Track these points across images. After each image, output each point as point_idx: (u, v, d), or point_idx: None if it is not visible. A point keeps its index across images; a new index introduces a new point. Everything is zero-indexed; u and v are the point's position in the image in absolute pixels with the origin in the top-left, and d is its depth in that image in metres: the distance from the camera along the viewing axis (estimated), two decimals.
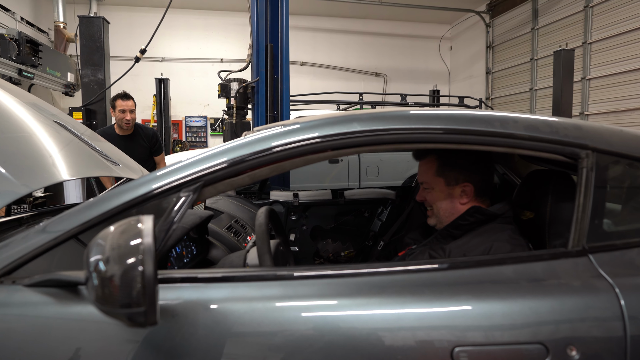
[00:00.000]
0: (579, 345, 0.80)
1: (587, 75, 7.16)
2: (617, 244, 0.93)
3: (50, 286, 0.86)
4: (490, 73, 9.97)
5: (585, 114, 7.20)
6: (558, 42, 7.29)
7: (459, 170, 1.28)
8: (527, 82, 8.72)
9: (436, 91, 9.22)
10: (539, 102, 8.37)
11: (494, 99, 9.90)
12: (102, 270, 0.65)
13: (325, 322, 0.82)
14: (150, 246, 0.64)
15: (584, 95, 7.22)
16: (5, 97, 1.74)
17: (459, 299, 0.84)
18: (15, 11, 7.62)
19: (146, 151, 3.54)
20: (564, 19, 7.67)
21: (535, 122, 1.06)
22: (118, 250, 0.67)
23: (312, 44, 10.62)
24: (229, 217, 1.91)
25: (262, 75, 3.38)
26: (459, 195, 1.28)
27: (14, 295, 0.86)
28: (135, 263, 0.64)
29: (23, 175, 1.36)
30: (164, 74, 8.51)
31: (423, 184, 1.35)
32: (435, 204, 1.31)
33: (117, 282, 0.64)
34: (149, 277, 0.63)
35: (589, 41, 7.09)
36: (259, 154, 0.96)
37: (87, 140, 1.89)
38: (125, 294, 0.63)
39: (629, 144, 1.04)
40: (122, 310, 0.64)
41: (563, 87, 5.51)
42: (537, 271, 0.89)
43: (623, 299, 0.83)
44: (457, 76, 11.25)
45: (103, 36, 4.06)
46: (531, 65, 8.58)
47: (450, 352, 0.79)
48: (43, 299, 0.85)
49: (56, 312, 0.83)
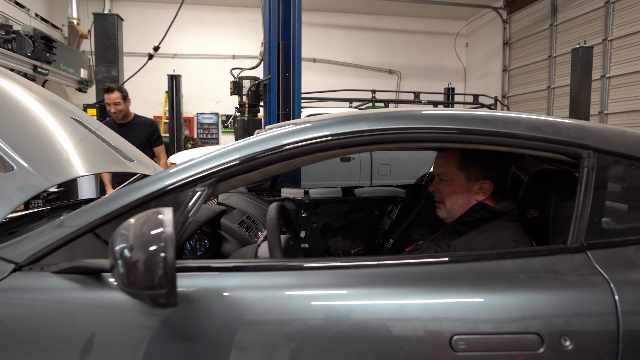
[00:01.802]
0: (573, 336, 0.85)
1: (607, 73, 7.09)
2: (614, 241, 0.98)
3: (75, 273, 0.95)
4: (507, 70, 9.91)
5: (605, 112, 7.14)
6: (577, 39, 7.21)
7: (481, 167, 1.30)
8: (545, 80, 8.66)
9: (451, 89, 9.21)
10: (557, 101, 8.31)
11: (510, 97, 9.84)
12: (127, 257, 0.73)
13: (332, 310, 0.89)
14: (172, 235, 0.72)
15: (604, 93, 7.15)
16: (26, 93, 1.83)
17: (458, 291, 0.90)
18: (30, 7, 7.84)
19: (142, 139, 3.70)
20: (583, 15, 7.61)
21: (538, 123, 1.11)
22: (141, 238, 0.74)
23: (324, 40, 10.69)
24: (241, 212, 1.99)
25: (274, 73, 3.46)
26: (476, 192, 1.30)
27: (42, 280, 0.94)
28: (157, 250, 0.72)
29: (44, 169, 1.43)
30: (176, 71, 8.66)
31: (441, 175, 1.35)
32: (451, 197, 1.33)
33: (141, 267, 0.71)
34: (170, 263, 0.71)
35: (610, 38, 7.01)
36: (270, 151, 1.03)
37: (102, 136, 1.98)
38: (149, 277, 0.71)
39: (631, 145, 1.09)
40: (146, 292, 0.72)
41: (581, 85, 5.48)
42: (535, 266, 0.94)
43: (617, 294, 0.88)
44: (473, 74, 11.20)
45: (117, 33, 4.18)
46: (549, 62, 8.52)
47: (449, 340, 0.85)
48: (69, 285, 0.93)
49: (81, 297, 0.91)
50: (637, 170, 1.07)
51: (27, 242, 1.01)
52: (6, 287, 0.92)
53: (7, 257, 0.97)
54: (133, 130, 3.68)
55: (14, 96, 1.79)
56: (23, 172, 1.32)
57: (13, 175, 1.27)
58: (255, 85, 3.57)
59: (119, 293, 0.90)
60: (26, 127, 1.61)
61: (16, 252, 0.98)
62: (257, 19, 3.56)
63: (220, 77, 9.69)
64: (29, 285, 0.93)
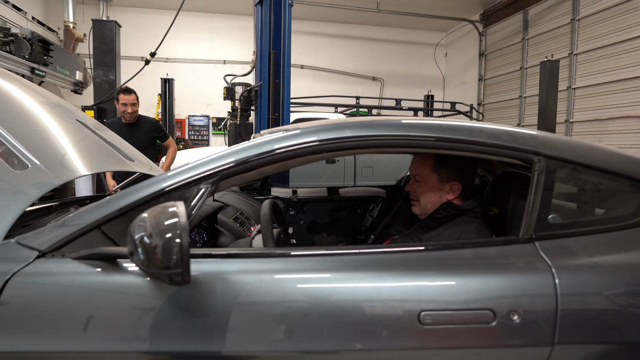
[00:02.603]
0: (520, 312, 0.98)
1: (573, 84, 7.36)
2: (558, 233, 1.11)
3: (94, 259, 1.03)
4: (482, 80, 10.17)
5: (571, 121, 7.41)
6: (546, 52, 7.49)
7: (452, 170, 1.42)
8: (517, 89, 8.93)
9: (430, 96, 9.41)
10: (528, 109, 8.57)
11: (485, 105, 10.11)
12: (147, 243, 0.82)
13: (317, 291, 1.00)
14: (186, 224, 0.82)
15: (570, 103, 7.42)
16: (34, 96, 1.89)
17: (426, 275, 1.02)
18: (27, 11, 7.74)
19: (147, 138, 3.85)
20: (552, 31, 7.88)
21: (497, 132, 1.23)
22: (158, 227, 0.84)
23: (312, 47, 10.79)
24: (235, 209, 2.08)
25: (265, 80, 3.55)
26: (447, 191, 1.42)
27: (64, 265, 1.01)
28: (172, 236, 0.82)
29: (55, 167, 1.48)
30: (168, 74, 8.65)
31: (416, 176, 1.47)
32: (425, 195, 1.44)
33: (159, 251, 0.81)
34: (185, 247, 0.81)
35: (575, 52, 7.29)
36: (265, 154, 1.13)
37: (105, 137, 2.05)
38: (166, 259, 0.81)
39: (575, 152, 1.22)
40: (164, 272, 0.82)
41: (548, 95, 5.71)
42: (491, 254, 1.07)
43: (558, 277, 1.01)
44: (451, 82, 11.45)
45: (115, 39, 4.22)
46: (521, 73, 8.78)
47: (418, 315, 0.97)
48: (88, 269, 1.01)
49: (100, 280, 1.00)
50: (579, 173, 1.21)
51: (48, 232, 1.09)
52: (32, 271, 1.00)
53: (32, 245, 1.04)
54: (140, 130, 3.83)
55: (24, 99, 1.83)
56: (37, 170, 1.37)
57: (28, 173, 1.33)
58: (247, 91, 3.66)
59: (133, 276, 0.99)
60: (37, 128, 1.66)
61: (39, 240, 1.06)
62: (247, 26, 3.64)
63: (211, 81, 9.71)
64: (52, 269, 1.01)
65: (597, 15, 6.91)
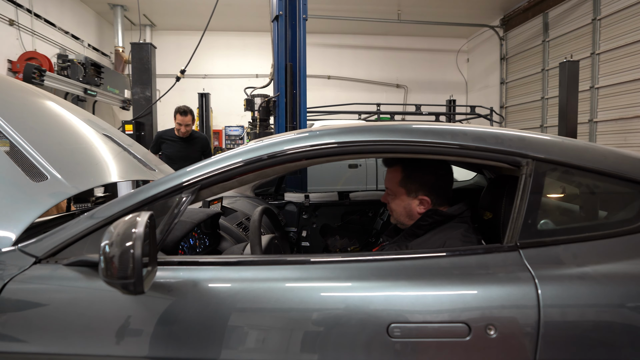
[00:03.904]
0: (498, 326, 0.85)
1: (596, 84, 6.86)
2: (546, 240, 0.97)
3: (81, 265, 1.01)
4: (504, 83, 9.71)
5: (594, 120, 6.91)
6: (568, 53, 7.02)
7: (419, 185, 1.30)
8: (539, 91, 8.45)
9: (452, 101, 9.10)
10: (550, 110, 8.09)
11: (508, 107, 9.64)
12: (107, 252, 0.78)
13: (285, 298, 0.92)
14: (141, 234, 0.77)
15: (593, 103, 6.92)
16: (64, 114, 1.94)
17: (397, 285, 0.91)
18: (83, 39, 8.19)
19: (197, 153, 3.99)
20: (573, 31, 7.40)
21: (482, 134, 1.11)
22: (121, 236, 0.79)
23: (338, 59, 10.75)
24: (243, 215, 2.04)
25: (282, 91, 3.52)
26: (417, 205, 1.30)
27: (55, 272, 1.00)
28: (128, 247, 0.77)
29: (74, 178, 1.51)
30: (206, 89, 8.86)
31: (387, 189, 1.37)
32: (395, 209, 1.35)
33: (116, 260, 0.76)
34: (137, 258, 0.75)
35: (597, 52, 6.80)
36: (248, 162, 1.07)
37: (129, 149, 2.07)
38: (122, 270, 0.76)
39: (567, 153, 1.08)
40: (118, 282, 0.77)
41: (568, 96, 5.33)
42: (470, 263, 0.95)
43: (541, 288, 0.88)
44: (474, 86, 11.03)
45: (150, 59, 4.34)
46: (542, 75, 8.31)
47: (387, 328, 0.87)
48: (75, 275, 0.99)
49: (84, 285, 0.97)
50: (571, 176, 1.06)
51: (46, 240, 1.08)
52: (28, 276, 1.00)
53: (30, 252, 1.05)
54: (193, 144, 3.98)
55: (54, 116, 1.89)
56: (55, 181, 1.39)
57: (46, 184, 1.35)
58: (265, 102, 3.64)
59: None
60: (64, 143, 1.71)
61: (38, 248, 1.05)
62: None
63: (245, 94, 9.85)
64: (45, 275, 1.00)
65: (619, 13, 6.40)
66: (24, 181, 1.32)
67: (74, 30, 7.79)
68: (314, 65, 10.10)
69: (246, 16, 9.20)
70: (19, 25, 6.06)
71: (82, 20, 8.27)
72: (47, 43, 6.76)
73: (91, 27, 8.69)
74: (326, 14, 8.79)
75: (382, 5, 8.91)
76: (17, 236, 1.09)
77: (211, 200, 1.88)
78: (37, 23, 6.56)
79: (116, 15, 8.60)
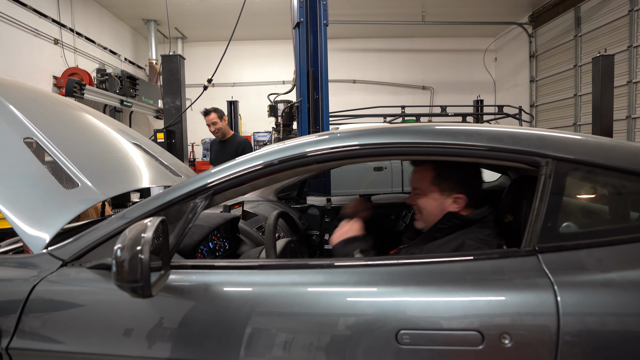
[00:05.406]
0: (513, 335, 0.80)
1: (634, 78, 6.44)
2: (567, 245, 0.91)
3: (101, 269, 1.04)
4: (534, 81, 9.31)
5: (633, 117, 6.48)
6: (602, 47, 6.64)
7: (454, 182, 1.25)
8: (572, 88, 8.03)
9: (480, 101, 8.81)
10: (584, 107, 7.66)
11: (538, 106, 9.23)
12: (119, 256, 0.80)
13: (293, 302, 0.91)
14: (149, 239, 0.78)
15: (631, 98, 6.49)
16: (99, 125, 2.03)
17: (407, 290, 0.88)
18: (120, 53, 8.58)
19: (230, 155, 4.00)
20: (607, 25, 6.99)
21: (499, 134, 1.06)
22: (132, 241, 0.81)
23: (363, 63, 10.68)
24: (263, 218, 2.05)
25: (304, 96, 3.53)
26: (450, 204, 1.25)
27: (79, 274, 1.05)
28: (139, 251, 0.78)
29: (103, 185, 1.58)
30: (235, 97, 9.03)
31: (416, 190, 1.32)
32: (426, 209, 1.29)
33: (127, 265, 0.78)
34: (145, 262, 0.77)
35: (635, 44, 6.38)
36: (256, 167, 1.07)
37: (157, 157, 2.14)
38: (131, 273, 0.77)
39: (591, 151, 1.01)
40: (127, 285, 0.78)
41: (602, 92, 5.03)
42: (484, 268, 0.90)
43: (560, 295, 0.82)
44: (502, 85, 10.64)
45: (180, 70, 4.47)
46: (575, 71, 7.89)
47: (395, 334, 0.83)
48: (95, 277, 1.03)
49: (103, 287, 1.01)
50: (595, 175, 0.99)
51: (72, 244, 1.13)
52: (55, 279, 1.04)
53: (57, 255, 1.10)
54: (230, 147, 4.04)
55: (87, 127, 1.98)
56: (85, 188, 1.46)
57: (77, 191, 1.42)
58: (288, 107, 3.66)
59: None
60: (95, 152, 1.78)
61: (65, 251, 1.10)
62: None
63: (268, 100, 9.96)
64: (70, 277, 1.04)
65: None
66: (56, 188, 1.38)
67: (112, 45, 8.18)
68: (339, 70, 10.10)
69: (271, 25, 9.33)
70: (63, 44, 6.43)
71: (119, 36, 8.67)
72: (87, 59, 7.14)
73: (127, 42, 9.09)
74: (350, 19, 8.76)
75: (406, 7, 8.78)
76: (48, 240, 1.14)
77: (232, 205, 1.90)
78: (78, 41, 6.94)
79: (150, 29, 8.95)
